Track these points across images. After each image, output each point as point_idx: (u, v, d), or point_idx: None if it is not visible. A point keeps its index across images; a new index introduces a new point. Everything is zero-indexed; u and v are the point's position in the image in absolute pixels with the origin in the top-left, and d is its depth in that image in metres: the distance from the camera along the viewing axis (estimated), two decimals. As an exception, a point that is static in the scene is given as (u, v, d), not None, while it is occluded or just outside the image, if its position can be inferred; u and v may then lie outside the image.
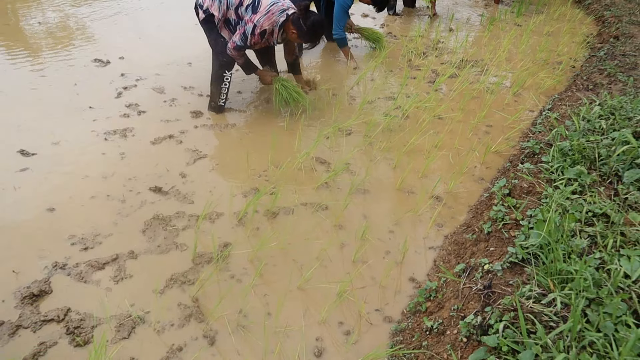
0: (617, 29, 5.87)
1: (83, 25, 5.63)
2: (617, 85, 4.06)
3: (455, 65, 4.85)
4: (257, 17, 3.34)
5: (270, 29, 3.41)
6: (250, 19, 3.37)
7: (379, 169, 3.22)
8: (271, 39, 3.53)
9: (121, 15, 6.02)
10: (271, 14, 3.34)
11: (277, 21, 3.38)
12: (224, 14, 3.52)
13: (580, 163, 2.51)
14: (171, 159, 3.24)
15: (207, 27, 3.65)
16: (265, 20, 3.35)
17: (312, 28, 3.39)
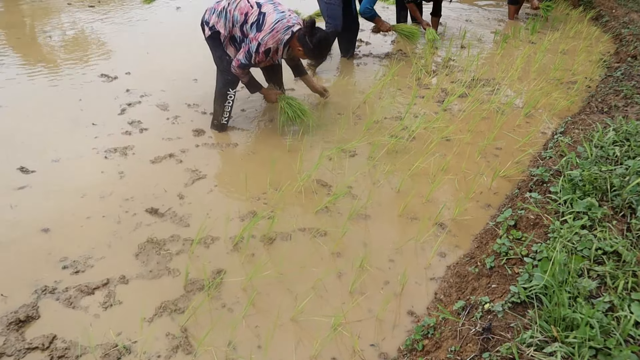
0: (635, 47, 5.72)
1: (94, 39, 5.65)
2: (633, 108, 3.92)
3: (466, 84, 4.74)
4: (262, 35, 3.28)
5: (275, 47, 3.35)
6: (254, 37, 3.32)
7: (381, 193, 3.12)
8: (276, 57, 3.48)
9: (133, 29, 6.04)
10: (275, 32, 3.28)
11: (282, 39, 3.32)
12: (230, 31, 3.47)
13: (591, 194, 2.38)
14: (170, 179, 3.18)
15: (212, 44, 3.61)
16: (269, 39, 3.29)
17: (318, 45, 3.35)
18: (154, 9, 7.02)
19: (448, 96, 4.44)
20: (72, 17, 6.45)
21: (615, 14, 7.46)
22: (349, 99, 4.36)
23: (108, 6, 7.01)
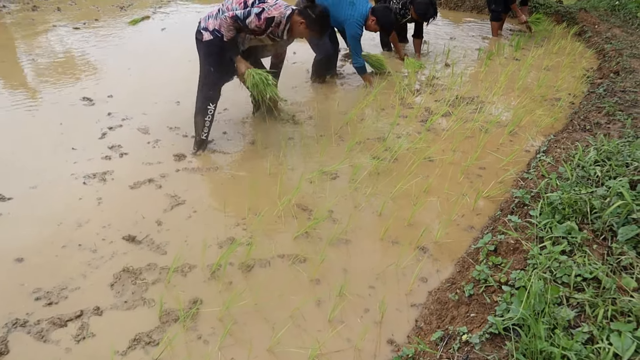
0: (617, 63, 5.77)
1: (78, 62, 5.63)
2: (615, 125, 3.92)
3: (449, 103, 4.74)
4: (266, 5, 3.39)
5: (279, 19, 3.41)
6: (259, 5, 3.40)
7: (363, 217, 3.08)
8: (276, 30, 3.50)
9: (118, 50, 6.02)
10: (279, 5, 3.41)
11: (285, 13, 3.42)
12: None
13: (570, 218, 2.36)
14: (149, 205, 3.12)
15: (207, 52, 3.59)
16: (274, 9, 3.38)
17: (320, 16, 3.50)
18: (139, 30, 7.03)
19: (431, 115, 4.43)
20: (58, 39, 6.43)
21: (598, 29, 7.54)
22: (331, 120, 4.34)
23: (94, 28, 7.00)
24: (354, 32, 4.85)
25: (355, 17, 4.79)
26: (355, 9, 4.80)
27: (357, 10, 4.79)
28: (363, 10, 4.82)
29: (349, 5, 4.82)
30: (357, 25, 4.83)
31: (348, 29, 4.86)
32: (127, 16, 7.71)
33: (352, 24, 4.82)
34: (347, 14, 4.81)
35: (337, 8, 4.80)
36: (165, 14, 8.01)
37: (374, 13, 4.84)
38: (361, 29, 4.90)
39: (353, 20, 4.80)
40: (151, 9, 8.34)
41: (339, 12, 4.81)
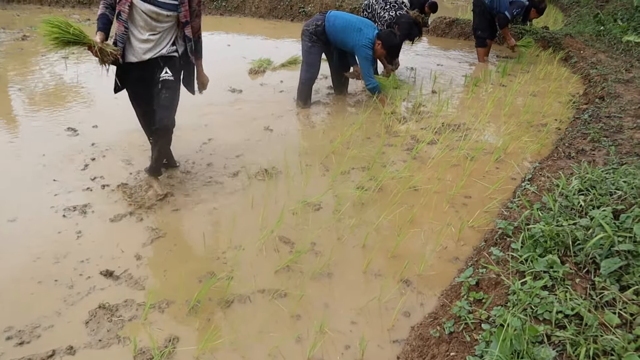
0: (602, 88, 5.80)
1: (64, 91, 5.62)
2: (600, 152, 3.92)
3: (436, 130, 4.74)
4: None
5: None
6: None
7: (345, 249, 3.04)
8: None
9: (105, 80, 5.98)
10: None
11: None
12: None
13: (552, 251, 2.32)
14: (128, 239, 3.07)
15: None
16: None
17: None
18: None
19: (417, 143, 4.42)
20: (46, 69, 6.43)
21: (583, 54, 7.61)
22: (317, 149, 4.32)
23: (82, 57, 7.00)
24: (364, 54, 5.02)
25: (363, 41, 4.98)
26: (362, 34, 5.00)
27: (364, 35, 4.99)
28: (370, 35, 5.01)
29: (356, 31, 5.02)
30: (367, 48, 5.01)
31: (359, 53, 5.05)
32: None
33: (361, 48, 5.00)
34: (355, 39, 5.01)
35: (346, 34, 5.04)
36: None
37: (379, 37, 5.02)
38: (371, 50, 5.06)
39: (362, 44, 4.99)
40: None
41: (347, 38, 5.05)
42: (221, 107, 5.22)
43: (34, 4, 11.14)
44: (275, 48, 7.82)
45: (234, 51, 7.79)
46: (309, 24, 5.19)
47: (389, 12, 5.99)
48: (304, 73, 5.30)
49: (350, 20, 5.10)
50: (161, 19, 3.17)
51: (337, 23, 5.06)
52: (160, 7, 3.11)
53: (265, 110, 5.19)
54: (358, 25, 5.04)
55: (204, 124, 4.75)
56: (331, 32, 5.07)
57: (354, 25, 5.04)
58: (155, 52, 3.27)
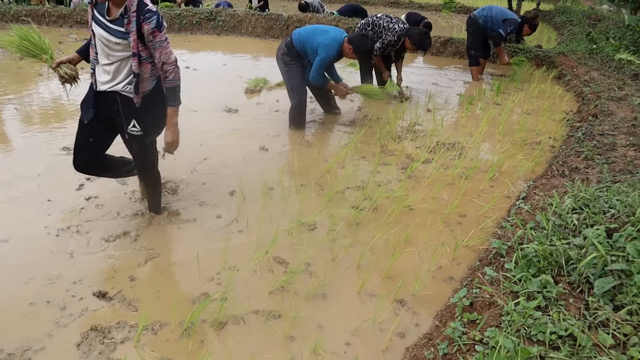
0: (596, 106, 5.85)
1: (62, 111, 5.63)
2: (594, 170, 3.94)
3: (430, 149, 4.76)
4: None
5: None
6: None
7: (340, 270, 3.03)
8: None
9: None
10: None
11: None
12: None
13: (546, 270, 2.32)
14: (122, 259, 3.06)
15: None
16: None
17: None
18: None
19: (412, 162, 4.44)
20: (43, 88, 6.45)
21: (576, 72, 7.69)
22: (311, 169, 4.33)
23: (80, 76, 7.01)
24: (325, 54, 4.89)
25: (327, 41, 4.88)
26: (328, 35, 4.93)
27: (329, 36, 4.91)
28: (337, 36, 4.93)
29: (322, 33, 4.96)
30: (331, 48, 4.89)
31: (321, 51, 4.89)
32: (113, 64, 7.77)
33: (325, 47, 4.88)
34: (320, 39, 4.91)
35: (313, 38, 4.97)
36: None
37: (350, 41, 4.92)
38: (336, 53, 4.96)
39: (324, 43, 4.88)
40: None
41: (314, 41, 4.95)
42: (217, 126, 5.24)
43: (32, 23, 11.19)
44: (272, 67, 7.84)
45: (230, 71, 7.84)
46: (280, 46, 5.19)
47: (397, 24, 6.10)
48: (293, 99, 5.26)
49: (317, 27, 5.10)
50: (112, 46, 2.85)
51: (303, 32, 5.03)
52: (109, 33, 2.81)
53: (260, 129, 5.21)
54: (325, 29, 5.02)
55: (199, 143, 4.76)
56: (299, 44, 5.02)
57: (320, 28, 5.03)
58: (111, 84, 2.97)
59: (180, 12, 11.04)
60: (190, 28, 10.91)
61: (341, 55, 5.06)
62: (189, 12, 11.03)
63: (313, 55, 5.03)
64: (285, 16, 10.72)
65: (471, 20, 7.51)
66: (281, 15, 10.79)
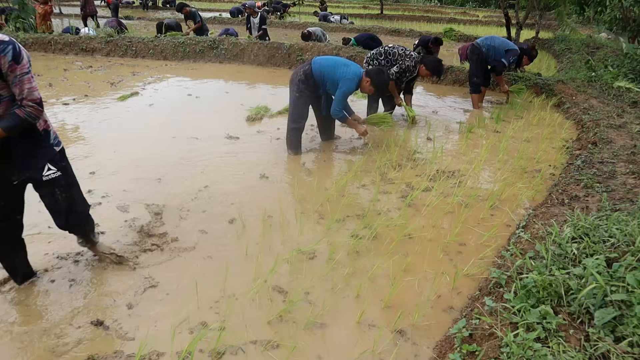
0: (595, 134, 5.87)
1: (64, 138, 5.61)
2: (594, 198, 3.94)
3: (430, 177, 4.78)
4: None
5: None
6: None
7: (339, 299, 3.01)
8: None
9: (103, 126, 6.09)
10: None
11: None
12: None
13: (545, 301, 2.31)
14: (121, 288, 3.05)
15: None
16: None
17: None
18: (127, 106, 7.15)
19: (412, 191, 4.44)
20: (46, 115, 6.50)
21: (576, 100, 7.74)
22: (312, 197, 4.34)
23: (83, 104, 7.12)
24: (346, 88, 5.06)
25: (349, 75, 5.04)
26: (349, 69, 5.08)
27: (351, 70, 5.07)
28: (357, 71, 5.09)
29: (344, 66, 5.11)
30: (353, 82, 5.06)
31: (342, 85, 5.05)
32: (116, 92, 7.88)
33: (347, 80, 5.04)
34: (342, 72, 5.06)
35: (335, 70, 5.10)
36: (155, 90, 8.19)
37: (368, 74, 5.08)
38: (355, 85, 5.12)
39: (348, 77, 5.04)
40: (141, 84, 8.55)
41: (335, 73, 5.09)
42: (218, 154, 5.27)
43: (38, 51, 11.40)
44: (273, 95, 7.96)
45: (232, 98, 7.92)
46: (297, 72, 5.28)
47: (412, 52, 6.42)
48: (291, 123, 5.35)
49: (337, 59, 5.24)
50: None
51: (324, 63, 5.15)
52: None
53: (261, 157, 5.24)
54: (345, 62, 5.17)
55: (200, 170, 4.79)
56: (318, 74, 5.12)
57: (341, 61, 5.17)
58: None
59: (183, 40, 11.22)
60: (194, 56, 11.07)
61: (358, 88, 5.20)
62: (192, 40, 11.21)
63: (332, 87, 5.18)
64: (287, 45, 10.86)
65: (475, 48, 7.62)
66: (283, 43, 10.94)
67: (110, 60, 10.81)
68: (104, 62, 10.62)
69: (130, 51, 11.29)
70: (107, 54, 11.31)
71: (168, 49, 11.16)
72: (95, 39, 11.46)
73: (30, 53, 11.00)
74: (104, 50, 11.34)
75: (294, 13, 26.13)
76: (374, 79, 5.06)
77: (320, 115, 5.70)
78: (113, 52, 11.32)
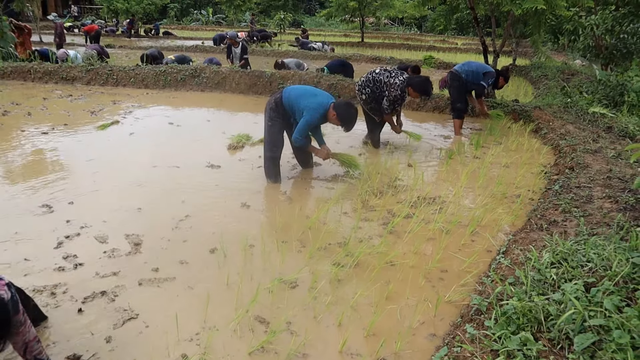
0: (572, 159, 5.98)
1: (42, 167, 5.63)
2: (572, 222, 4.00)
3: (411, 204, 4.81)
4: None
5: None
6: None
7: (321, 328, 2.99)
8: None
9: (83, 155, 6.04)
10: None
11: None
12: None
13: (525, 327, 2.32)
14: (99, 321, 2.99)
15: None
16: None
17: None
18: (107, 135, 7.11)
19: (393, 217, 4.46)
20: (25, 144, 6.45)
21: (553, 126, 7.89)
22: (293, 225, 4.33)
23: (62, 133, 7.07)
24: (309, 118, 5.00)
25: (314, 105, 5.01)
26: (316, 99, 5.06)
27: (317, 100, 5.04)
28: (323, 101, 5.06)
29: (311, 96, 5.10)
30: (316, 112, 5.01)
31: (306, 114, 5.00)
32: (96, 121, 7.84)
33: (310, 110, 5.00)
34: (308, 101, 5.03)
35: (300, 100, 5.08)
36: (136, 119, 8.17)
37: (335, 107, 5.03)
38: (320, 117, 5.06)
39: (312, 107, 5.00)
40: (122, 112, 8.52)
41: (300, 102, 5.07)
42: (199, 183, 5.26)
43: (18, 80, 11.33)
44: (255, 123, 7.98)
45: (213, 126, 7.94)
46: (269, 100, 5.29)
47: (397, 77, 6.37)
48: (267, 152, 5.35)
49: (306, 88, 5.25)
50: None
51: (292, 93, 5.15)
52: None
53: (242, 186, 5.23)
54: (314, 92, 5.17)
55: (181, 200, 4.76)
56: (287, 102, 5.12)
57: (309, 91, 5.17)
58: None
59: (165, 69, 11.26)
60: (175, 84, 11.09)
61: (325, 120, 5.15)
62: (173, 69, 11.25)
63: (299, 116, 5.13)
64: (268, 73, 10.96)
65: (454, 75, 7.76)
66: (264, 72, 11.04)
67: (91, 89, 10.78)
68: (85, 90, 10.58)
69: (111, 79, 11.27)
70: (88, 83, 11.28)
71: (149, 78, 11.17)
72: (76, 67, 11.44)
73: (10, 82, 11.00)
74: (84, 79, 11.31)
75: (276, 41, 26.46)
76: (340, 112, 5.00)
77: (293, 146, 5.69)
78: (94, 81, 11.29)
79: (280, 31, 26.68)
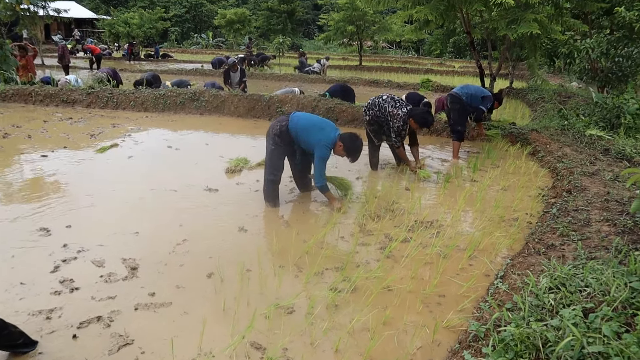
0: (569, 182, 5.99)
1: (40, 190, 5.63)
2: (570, 246, 3.99)
3: (409, 228, 4.80)
4: None
5: None
6: None
7: (318, 354, 2.96)
8: None
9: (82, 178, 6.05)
10: None
11: None
12: None
13: (524, 354, 2.31)
14: (93, 347, 2.97)
15: None
16: None
17: None
18: (106, 158, 7.13)
19: (391, 242, 4.46)
20: (24, 167, 6.47)
21: (550, 148, 7.93)
22: (290, 249, 4.31)
23: (61, 156, 7.09)
24: (322, 154, 5.08)
25: (325, 140, 5.08)
26: (324, 133, 5.12)
27: (326, 135, 5.10)
28: (332, 135, 5.13)
29: (319, 130, 5.15)
30: (327, 148, 5.09)
31: (317, 151, 5.08)
32: (96, 144, 7.87)
33: (322, 147, 5.08)
34: (317, 137, 5.09)
35: (309, 133, 5.14)
36: (135, 142, 8.20)
37: (342, 139, 5.11)
38: (330, 151, 5.15)
39: (323, 143, 5.07)
40: (121, 136, 8.56)
41: (310, 136, 5.14)
42: (197, 207, 5.26)
43: (19, 102, 11.41)
44: (253, 147, 8.01)
45: (211, 150, 7.96)
46: (274, 125, 5.33)
47: (401, 109, 6.50)
48: (268, 175, 5.37)
49: (313, 120, 5.30)
50: None
51: (300, 123, 5.20)
52: None
53: (240, 210, 5.23)
54: (321, 125, 5.22)
55: (178, 224, 4.76)
56: (294, 131, 5.17)
57: (316, 124, 5.22)
58: None
59: (164, 92, 11.34)
60: (174, 108, 11.16)
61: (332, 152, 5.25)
62: (172, 92, 11.33)
63: (305, 146, 5.25)
64: (267, 96, 11.04)
65: (455, 98, 7.80)
66: (263, 95, 11.12)
67: (91, 112, 10.85)
68: (85, 113, 10.64)
69: (111, 103, 11.35)
70: (88, 106, 11.35)
71: (149, 101, 11.25)
72: (77, 90, 11.53)
73: (11, 104, 11.08)
74: (84, 102, 11.39)
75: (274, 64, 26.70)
76: (346, 144, 5.10)
77: (295, 168, 5.75)
78: (94, 104, 11.37)
79: (280, 54, 26.93)
